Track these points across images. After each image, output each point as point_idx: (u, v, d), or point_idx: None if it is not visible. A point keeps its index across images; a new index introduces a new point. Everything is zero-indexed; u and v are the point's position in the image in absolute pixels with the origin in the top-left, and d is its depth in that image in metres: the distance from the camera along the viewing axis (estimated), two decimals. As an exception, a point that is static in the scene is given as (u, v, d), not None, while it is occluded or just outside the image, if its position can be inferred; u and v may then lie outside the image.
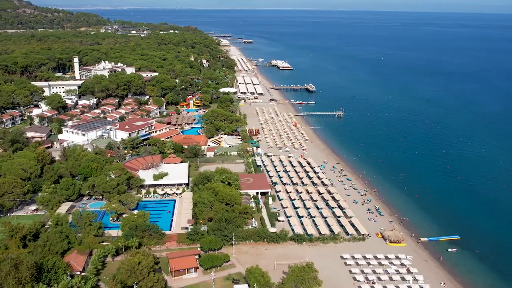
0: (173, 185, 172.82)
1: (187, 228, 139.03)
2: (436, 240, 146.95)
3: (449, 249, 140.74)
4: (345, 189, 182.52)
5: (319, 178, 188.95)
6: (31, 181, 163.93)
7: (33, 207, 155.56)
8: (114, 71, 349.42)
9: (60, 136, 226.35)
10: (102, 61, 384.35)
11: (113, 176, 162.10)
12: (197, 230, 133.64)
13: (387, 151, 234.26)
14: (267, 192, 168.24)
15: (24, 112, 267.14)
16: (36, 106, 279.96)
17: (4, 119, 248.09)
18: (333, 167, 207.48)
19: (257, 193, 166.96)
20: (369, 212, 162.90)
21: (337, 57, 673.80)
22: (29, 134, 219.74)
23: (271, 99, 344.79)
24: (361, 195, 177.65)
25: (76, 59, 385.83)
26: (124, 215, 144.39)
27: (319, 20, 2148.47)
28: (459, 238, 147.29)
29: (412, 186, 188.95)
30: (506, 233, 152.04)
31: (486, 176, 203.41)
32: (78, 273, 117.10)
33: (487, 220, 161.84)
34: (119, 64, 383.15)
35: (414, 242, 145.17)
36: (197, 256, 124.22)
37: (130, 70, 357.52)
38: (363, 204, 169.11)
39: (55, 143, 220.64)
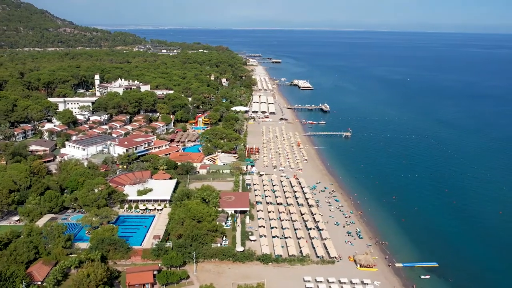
0: (155, 201, 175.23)
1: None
2: (411, 266, 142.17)
3: (422, 276, 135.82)
4: (330, 210, 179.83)
5: (305, 198, 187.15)
6: (20, 192, 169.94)
7: (17, 217, 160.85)
8: (130, 88, 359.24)
9: (62, 150, 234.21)
10: (119, 79, 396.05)
11: (95, 191, 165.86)
12: (161, 246, 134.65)
13: (387, 173, 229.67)
14: (246, 211, 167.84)
15: (36, 126, 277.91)
16: (50, 120, 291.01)
17: (16, 133, 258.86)
18: (325, 188, 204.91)
19: (235, 211, 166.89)
20: (348, 235, 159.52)
21: (362, 77, 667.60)
22: (33, 147, 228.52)
23: (281, 118, 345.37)
24: (346, 217, 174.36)
25: (96, 76, 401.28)
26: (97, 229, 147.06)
27: (355, 41, 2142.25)
28: (437, 265, 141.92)
29: (402, 209, 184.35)
30: (488, 262, 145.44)
31: (484, 201, 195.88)
32: (39, 283, 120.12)
33: (472, 247, 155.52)
34: (136, 82, 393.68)
35: (386, 267, 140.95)
36: (156, 272, 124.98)
37: (145, 88, 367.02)
38: (344, 227, 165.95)
39: (57, 157, 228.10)
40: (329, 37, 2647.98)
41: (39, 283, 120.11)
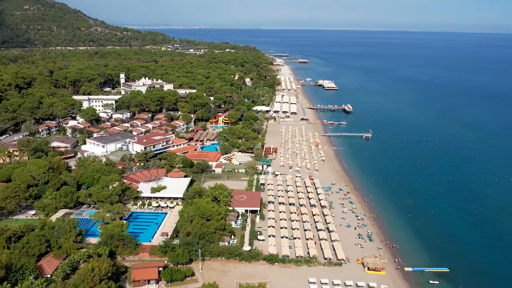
0: (168, 198, 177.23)
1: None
2: (421, 270, 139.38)
3: (431, 281, 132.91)
4: (343, 212, 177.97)
5: (319, 199, 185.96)
6: (38, 187, 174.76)
7: (34, 211, 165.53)
8: (153, 87, 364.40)
9: (83, 147, 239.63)
10: (143, 78, 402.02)
11: (110, 187, 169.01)
12: (168, 243, 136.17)
13: (405, 175, 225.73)
14: (257, 211, 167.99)
15: (61, 123, 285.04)
16: (74, 118, 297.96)
17: (40, 129, 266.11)
18: (340, 189, 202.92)
19: (246, 210, 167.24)
20: (359, 237, 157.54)
21: (389, 78, 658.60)
22: (55, 144, 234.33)
23: (302, 119, 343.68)
24: (358, 219, 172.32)
25: (122, 75, 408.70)
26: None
27: (385, 41, 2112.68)
28: (447, 270, 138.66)
29: (417, 213, 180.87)
30: (501, 271, 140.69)
31: (504, 207, 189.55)
32: (49, 275, 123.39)
33: (486, 255, 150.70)
34: (159, 80, 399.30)
35: (395, 271, 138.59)
36: (161, 269, 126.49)
37: (168, 87, 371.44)
38: (355, 229, 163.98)
39: (78, 153, 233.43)
40: (359, 37, 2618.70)
41: (49, 275, 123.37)
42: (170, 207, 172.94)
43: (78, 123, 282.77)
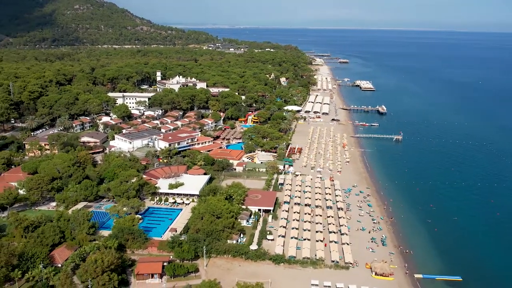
0: (185, 195, 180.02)
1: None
2: (432, 278, 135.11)
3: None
4: (360, 215, 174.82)
5: (336, 201, 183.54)
6: (62, 180, 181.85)
7: (55, 203, 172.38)
8: (186, 85, 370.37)
9: (111, 143, 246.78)
10: (177, 76, 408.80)
11: (128, 182, 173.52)
12: (175, 239, 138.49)
13: (431, 179, 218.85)
14: (270, 210, 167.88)
15: (94, 119, 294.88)
16: (108, 114, 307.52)
17: (74, 125, 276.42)
18: (360, 191, 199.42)
19: (259, 210, 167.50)
20: (372, 241, 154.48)
21: (429, 79, 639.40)
22: (85, 139, 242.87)
23: (332, 119, 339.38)
24: (374, 222, 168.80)
25: (158, 73, 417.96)
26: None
27: (432, 41, 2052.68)
28: (460, 280, 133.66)
29: (438, 218, 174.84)
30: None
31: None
32: (59, 265, 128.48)
33: (504, 265, 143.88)
34: (193, 79, 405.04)
35: (405, 277, 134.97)
36: (166, 264, 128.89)
37: (201, 85, 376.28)
38: (370, 232, 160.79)
39: (107, 148, 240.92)
40: (406, 37, 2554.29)
41: (59, 265, 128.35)
42: (186, 204, 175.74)
43: (111, 119, 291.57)
